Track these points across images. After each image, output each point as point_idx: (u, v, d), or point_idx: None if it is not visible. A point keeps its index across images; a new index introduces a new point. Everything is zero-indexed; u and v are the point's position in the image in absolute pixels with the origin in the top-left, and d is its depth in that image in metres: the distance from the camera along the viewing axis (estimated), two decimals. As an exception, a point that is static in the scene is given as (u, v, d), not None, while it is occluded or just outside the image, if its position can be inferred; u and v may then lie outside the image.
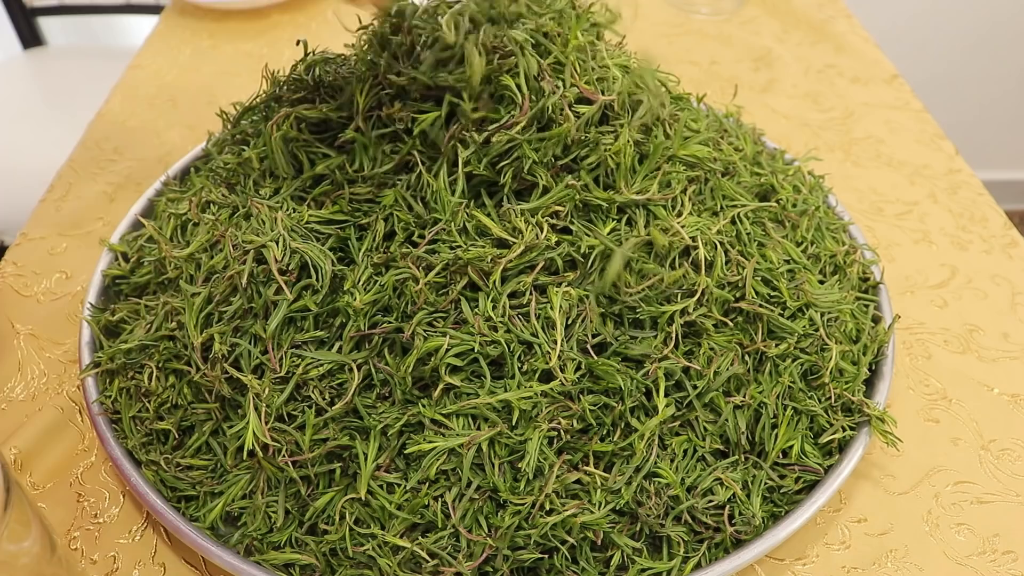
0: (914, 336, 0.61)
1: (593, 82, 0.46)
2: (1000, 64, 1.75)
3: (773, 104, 0.85)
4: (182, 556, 0.47)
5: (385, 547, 0.42)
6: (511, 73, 0.44)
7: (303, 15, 0.99)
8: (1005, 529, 0.49)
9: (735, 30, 0.98)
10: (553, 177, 0.45)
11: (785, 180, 0.58)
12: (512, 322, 0.43)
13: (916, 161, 0.78)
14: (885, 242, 0.68)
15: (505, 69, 0.43)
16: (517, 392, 0.42)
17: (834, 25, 1.00)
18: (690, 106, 0.55)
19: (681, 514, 0.44)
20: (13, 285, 0.63)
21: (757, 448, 0.47)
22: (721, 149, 0.53)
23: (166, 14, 1.00)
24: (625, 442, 0.44)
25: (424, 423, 0.42)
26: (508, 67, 0.43)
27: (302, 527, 0.44)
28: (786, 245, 0.52)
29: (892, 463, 0.52)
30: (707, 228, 0.47)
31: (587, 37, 0.48)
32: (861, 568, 0.47)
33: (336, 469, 0.43)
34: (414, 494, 0.42)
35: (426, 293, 0.43)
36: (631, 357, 0.44)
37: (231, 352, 0.45)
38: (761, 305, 0.48)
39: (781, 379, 0.48)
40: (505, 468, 0.42)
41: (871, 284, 0.58)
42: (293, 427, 0.44)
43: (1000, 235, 0.70)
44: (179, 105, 0.84)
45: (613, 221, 0.46)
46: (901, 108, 0.85)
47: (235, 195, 0.52)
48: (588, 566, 0.43)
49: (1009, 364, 0.59)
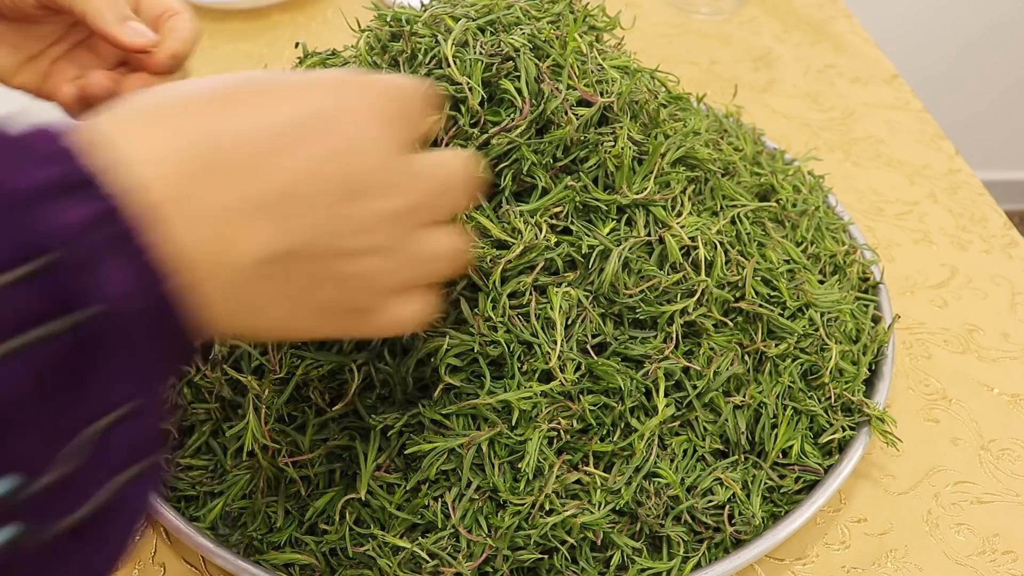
0: (914, 336, 0.61)
1: (592, 84, 0.46)
2: (1000, 64, 1.75)
3: (773, 104, 0.85)
4: (182, 556, 0.47)
5: (385, 547, 0.42)
6: (510, 77, 0.44)
7: (303, 15, 0.99)
8: (1005, 529, 0.49)
9: (735, 30, 0.98)
10: (552, 179, 0.45)
11: (785, 180, 0.58)
12: (512, 322, 0.43)
13: (916, 161, 0.78)
14: (885, 242, 0.68)
15: (504, 73, 0.43)
16: (517, 392, 0.42)
17: (834, 25, 1.00)
18: (690, 106, 0.55)
19: (681, 514, 0.44)
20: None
21: (757, 448, 0.47)
22: (721, 149, 0.53)
23: (166, 14, 1.00)
24: (625, 442, 0.44)
25: (424, 423, 0.43)
26: (507, 71, 0.44)
27: (302, 527, 0.44)
28: (786, 245, 0.52)
29: (892, 463, 0.52)
30: (707, 228, 0.47)
31: (586, 39, 0.48)
32: (861, 568, 0.47)
33: (336, 469, 0.43)
34: (414, 494, 0.42)
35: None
36: (631, 357, 0.44)
37: (231, 353, 0.45)
38: (761, 305, 0.48)
39: (781, 379, 0.48)
40: (505, 468, 0.42)
41: (871, 284, 0.58)
42: (293, 427, 0.44)
43: (1000, 235, 0.70)
44: (179, 105, 0.84)
45: (613, 221, 0.46)
46: (901, 108, 0.85)
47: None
48: (588, 566, 0.43)
49: (1009, 364, 0.59)
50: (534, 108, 0.44)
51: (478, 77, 0.43)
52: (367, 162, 0.29)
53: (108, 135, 0.25)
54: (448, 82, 0.43)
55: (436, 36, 0.45)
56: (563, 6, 0.48)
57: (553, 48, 0.45)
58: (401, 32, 0.46)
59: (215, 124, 0.27)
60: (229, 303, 0.27)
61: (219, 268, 0.26)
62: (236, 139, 0.27)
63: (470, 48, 0.44)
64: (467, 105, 0.43)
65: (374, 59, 0.48)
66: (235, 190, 0.26)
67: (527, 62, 0.43)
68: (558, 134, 0.44)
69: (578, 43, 0.47)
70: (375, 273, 0.30)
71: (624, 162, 0.46)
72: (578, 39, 0.47)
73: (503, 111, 0.45)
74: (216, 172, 0.26)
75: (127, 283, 0.23)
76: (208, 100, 0.28)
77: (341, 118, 0.29)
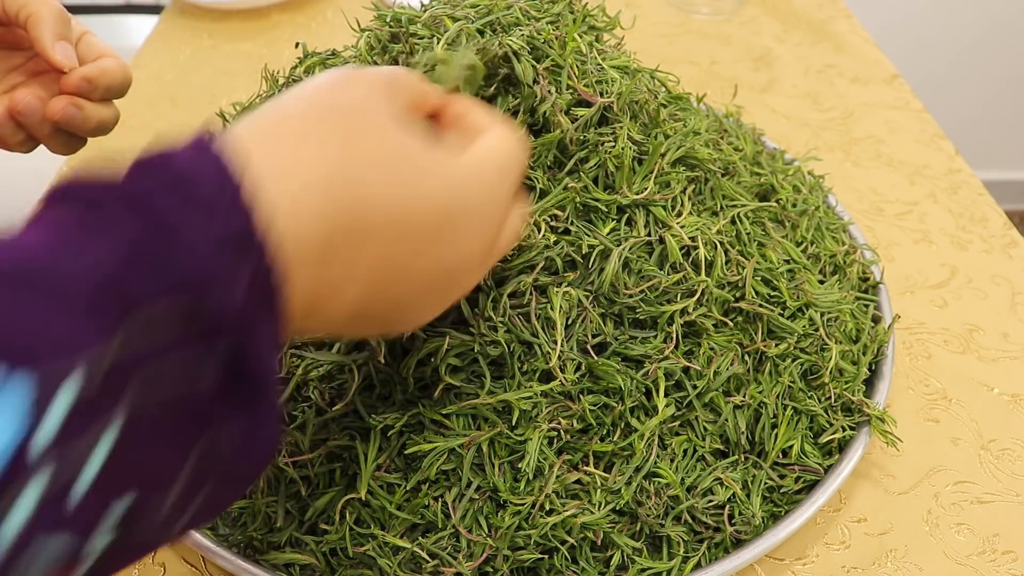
0: (914, 336, 0.61)
1: (592, 84, 0.46)
2: (1000, 64, 1.76)
3: (773, 104, 0.85)
4: (182, 556, 0.47)
5: (385, 547, 0.42)
6: (504, 79, 0.44)
7: (303, 15, 0.99)
8: (1005, 529, 0.49)
9: (735, 30, 0.98)
10: (551, 180, 0.45)
11: (785, 180, 0.58)
12: (512, 322, 0.43)
13: (916, 161, 0.78)
14: (885, 242, 0.68)
15: (499, 79, 0.43)
16: (517, 392, 0.42)
17: (834, 25, 1.00)
18: (690, 106, 0.55)
19: (681, 514, 0.44)
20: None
21: (757, 448, 0.47)
22: (721, 149, 0.53)
23: (166, 14, 1.00)
24: (625, 442, 0.44)
25: (424, 423, 0.43)
26: (502, 75, 0.44)
27: (302, 527, 0.44)
28: (786, 245, 0.52)
29: (892, 463, 0.52)
30: (707, 228, 0.47)
31: (586, 39, 0.48)
32: (861, 568, 0.47)
33: (336, 469, 0.43)
34: (414, 494, 0.42)
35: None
36: (631, 357, 0.44)
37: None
38: (761, 305, 0.48)
39: (781, 379, 0.48)
40: (505, 468, 0.42)
41: (871, 284, 0.58)
42: (293, 427, 0.44)
43: (1000, 235, 0.70)
44: (179, 105, 0.84)
45: (613, 221, 0.46)
46: (901, 108, 0.85)
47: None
48: (588, 566, 0.43)
49: (1009, 364, 0.59)
50: (526, 112, 0.44)
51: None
52: (478, 245, 0.34)
53: (258, 172, 0.26)
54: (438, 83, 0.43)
55: (435, 37, 0.45)
56: (563, 6, 0.48)
57: (552, 48, 0.45)
58: (399, 34, 0.46)
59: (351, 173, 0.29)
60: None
61: (321, 315, 0.30)
62: (371, 204, 0.29)
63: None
64: None
65: (374, 59, 0.48)
66: (359, 261, 0.29)
67: (525, 64, 0.43)
68: (549, 138, 0.44)
69: (578, 43, 0.47)
70: (470, 271, 0.35)
71: (624, 162, 0.46)
72: (578, 39, 0.47)
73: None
74: (348, 243, 0.29)
75: (271, 342, 0.26)
76: (341, 143, 0.29)
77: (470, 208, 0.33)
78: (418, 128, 0.32)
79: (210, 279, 0.23)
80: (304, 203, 0.27)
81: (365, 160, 0.29)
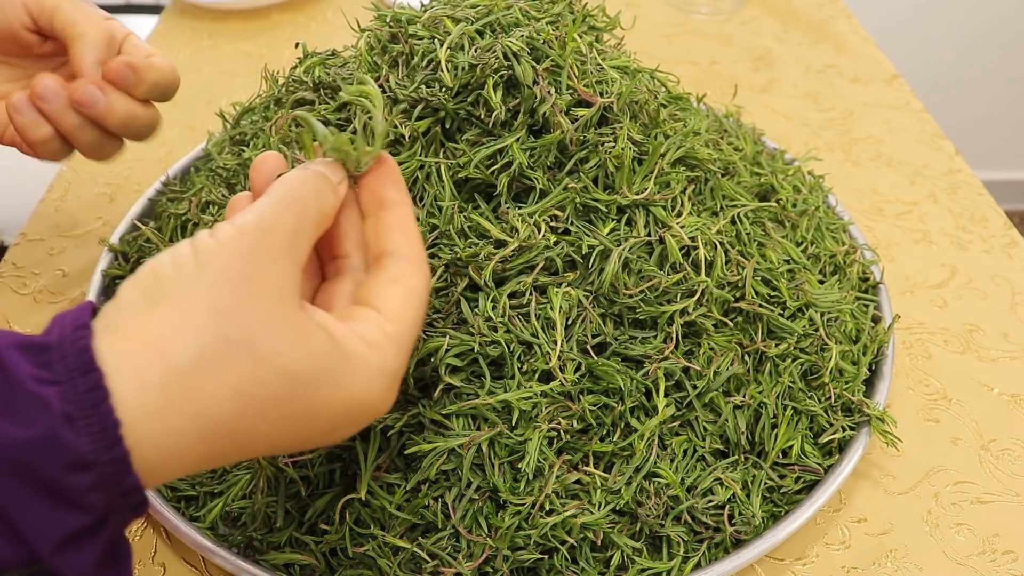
0: (914, 336, 0.61)
1: (592, 84, 0.46)
2: (1000, 64, 1.75)
3: (773, 104, 0.85)
4: (182, 556, 0.47)
5: (385, 547, 0.42)
6: (501, 80, 0.44)
7: (303, 15, 0.99)
8: (1005, 529, 0.49)
9: (735, 30, 0.98)
10: (551, 180, 0.45)
11: (785, 180, 0.58)
12: (512, 322, 0.43)
13: (916, 161, 0.78)
14: (885, 242, 0.68)
15: (496, 77, 0.43)
16: (517, 392, 0.42)
17: (834, 25, 1.00)
18: (690, 106, 0.55)
19: (681, 514, 0.44)
20: (12, 286, 0.63)
21: (757, 448, 0.47)
22: (721, 149, 0.53)
23: (166, 14, 1.00)
24: (625, 442, 0.44)
25: (424, 423, 0.43)
26: (500, 77, 0.44)
27: (302, 527, 0.44)
28: (786, 245, 0.52)
29: (892, 463, 0.52)
30: (707, 228, 0.47)
31: (586, 39, 0.48)
32: (861, 568, 0.47)
33: (336, 469, 0.43)
34: (414, 494, 0.42)
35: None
36: (631, 357, 0.44)
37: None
38: (761, 305, 0.48)
39: (781, 379, 0.48)
40: (505, 468, 0.42)
41: (871, 284, 0.58)
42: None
43: (1000, 235, 0.70)
44: (179, 105, 0.83)
45: (613, 221, 0.46)
46: (901, 108, 0.85)
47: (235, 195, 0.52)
48: (588, 566, 0.43)
49: (1009, 364, 0.59)
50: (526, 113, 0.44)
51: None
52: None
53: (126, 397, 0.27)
54: (440, 85, 0.44)
55: (434, 39, 0.45)
56: (563, 6, 0.48)
57: (552, 49, 0.45)
58: (398, 35, 0.46)
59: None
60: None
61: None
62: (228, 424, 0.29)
63: (466, 52, 0.44)
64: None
65: (374, 59, 0.48)
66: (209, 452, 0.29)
67: (524, 65, 0.43)
68: (549, 138, 0.44)
69: (577, 43, 0.47)
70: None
71: (624, 162, 0.46)
72: (577, 39, 0.47)
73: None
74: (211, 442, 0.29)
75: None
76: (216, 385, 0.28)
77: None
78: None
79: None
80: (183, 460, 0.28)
81: (258, 411, 0.29)
